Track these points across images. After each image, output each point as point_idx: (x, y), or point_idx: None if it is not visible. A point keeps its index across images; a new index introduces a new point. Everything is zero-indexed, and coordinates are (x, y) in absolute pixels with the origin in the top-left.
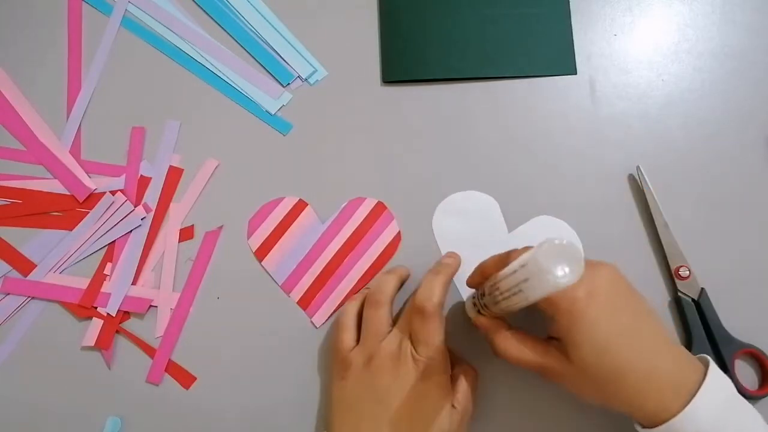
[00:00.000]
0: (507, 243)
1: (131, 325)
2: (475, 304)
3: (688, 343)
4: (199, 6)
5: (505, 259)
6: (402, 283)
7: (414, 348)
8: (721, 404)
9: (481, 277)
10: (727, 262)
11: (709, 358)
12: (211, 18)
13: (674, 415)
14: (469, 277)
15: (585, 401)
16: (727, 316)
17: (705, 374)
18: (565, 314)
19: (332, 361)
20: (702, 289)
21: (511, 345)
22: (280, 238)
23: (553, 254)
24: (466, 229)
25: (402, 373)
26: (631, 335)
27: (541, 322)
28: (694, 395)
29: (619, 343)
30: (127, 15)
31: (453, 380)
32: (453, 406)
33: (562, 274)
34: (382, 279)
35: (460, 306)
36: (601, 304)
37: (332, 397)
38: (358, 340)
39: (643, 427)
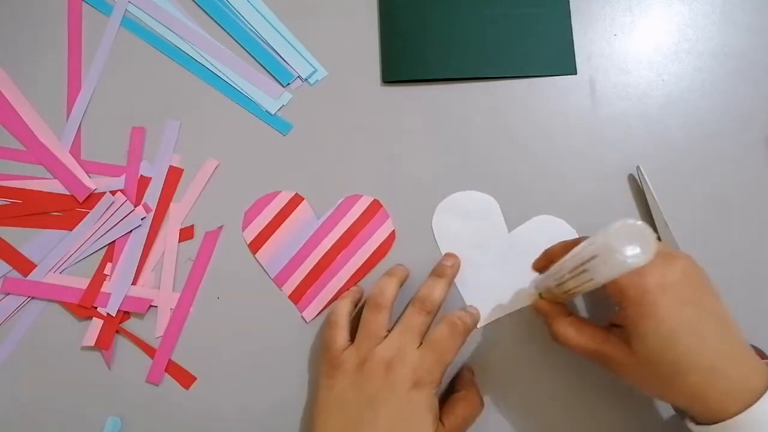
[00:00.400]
0: (507, 243)
1: (131, 325)
2: (537, 288)
3: None
4: (199, 6)
5: (574, 244)
6: (402, 285)
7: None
8: None
9: (547, 261)
10: (727, 262)
11: None
12: (211, 18)
13: (731, 417)
14: (535, 261)
15: (643, 392)
16: None
17: None
18: (633, 303)
19: (322, 359)
20: None
21: (571, 330)
22: (274, 231)
23: (625, 234)
24: (466, 228)
25: (392, 380)
26: (699, 330)
27: (600, 309)
28: (756, 400)
29: (685, 339)
30: (127, 15)
31: (455, 401)
32: (442, 423)
33: (632, 254)
34: (385, 282)
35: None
36: (672, 297)
37: (318, 396)
38: (349, 339)
39: (697, 423)
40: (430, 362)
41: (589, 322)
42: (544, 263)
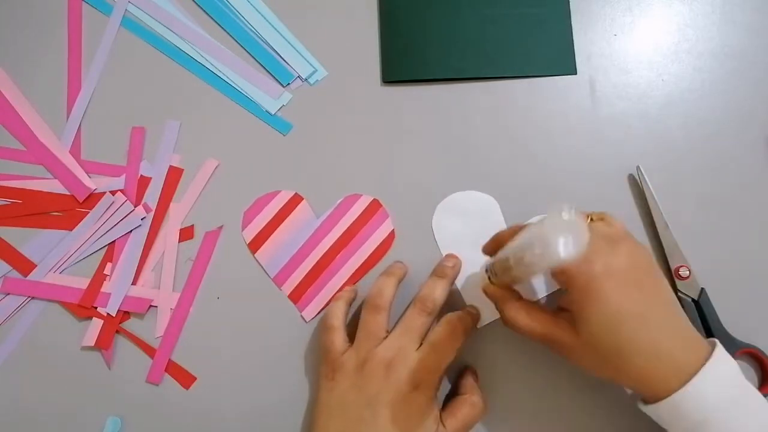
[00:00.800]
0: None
1: (131, 325)
2: (487, 271)
3: None
4: (199, 6)
5: (519, 229)
6: (400, 282)
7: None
8: (724, 385)
9: (496, 245)
10: (727, 262)
11: (717, 341)
12: (211, 18)
13: (675, 392)
14: (485, 244)
15: (590, 374)
16: (727, 316)
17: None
18: (580, 288)
19: (322, 361)
20: (702, 289)
21: (520, 314)
22: (274, 231)
23: (559, 226)
24: (466, 228)
25: (393, 381)
26: (642, 314)
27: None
28: (693, 375)
29: (629, 322)
30: (127, 15)
31: (457, 404)
32: (443, 424)
33: (564, 248)
34: (383, 282)
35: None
36: (616, 282)
37: (319, 397)
38: (347, 341)
39: (646, 403)
40: (430, 363)
41: (537, 307)
42: (493, 247)
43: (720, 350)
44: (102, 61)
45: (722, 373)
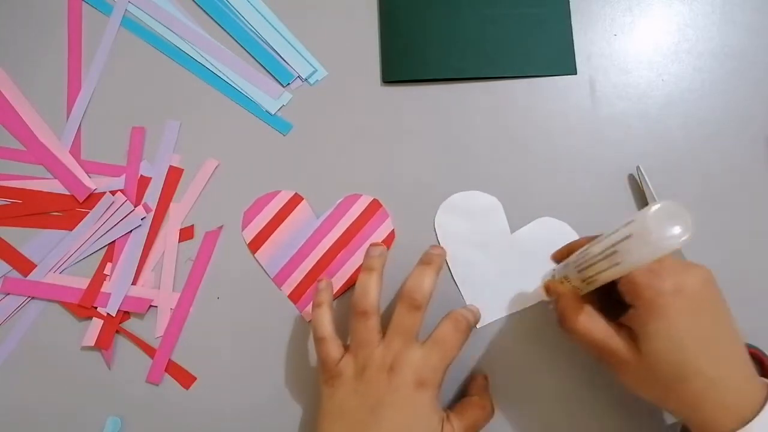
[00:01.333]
0: (509, 244)
1: (131, 325)
2: (554, 276)
3: None
4: (199, 6)
5: (594, 238)
6: (383, 268)
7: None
8: None
9: (568, 251)
10: (727, 262)
11: None
12: (211, 18)
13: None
14: (556, 251)
15: (642, 396)
16: None
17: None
18: (647, 303)
19: (320, 370)
20: None
21: (582, 317)
22: (274, 230)
23: (665, 215)
24: (469, 228)
25: (396, 383)
26: (708, 340)
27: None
28: (753, 417)
29: (694, 345)
30: (127, 15)
31: (467, 404)
32: (451, 424)
33: (670, 235)
34: (365, 282)
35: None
36: (686, 303)
37: (321, 404)
38: (342, 345)
39: None
40: (434, 360)
41: (600, 315)
42: (565, 253)
43: None
44: (102, 61)
45: None
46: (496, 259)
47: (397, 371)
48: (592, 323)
